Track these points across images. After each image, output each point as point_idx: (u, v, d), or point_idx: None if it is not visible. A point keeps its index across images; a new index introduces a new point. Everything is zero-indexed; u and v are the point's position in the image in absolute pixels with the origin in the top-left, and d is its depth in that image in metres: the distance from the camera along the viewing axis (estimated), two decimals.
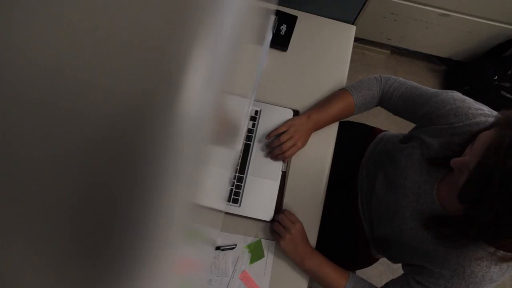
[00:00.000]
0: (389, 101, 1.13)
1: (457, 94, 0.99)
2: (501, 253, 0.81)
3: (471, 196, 0.73)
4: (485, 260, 0.83)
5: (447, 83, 2.34)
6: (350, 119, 1.48)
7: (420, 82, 2.33)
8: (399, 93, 1.11)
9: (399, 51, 2.35)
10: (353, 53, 2.43)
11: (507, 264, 0.83)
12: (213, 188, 0.36)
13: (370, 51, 2.34)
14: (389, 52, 2.33)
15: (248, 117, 1.09)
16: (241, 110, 0.44)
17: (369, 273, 1.98)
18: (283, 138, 1.11)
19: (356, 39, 2.31)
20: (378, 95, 1.15)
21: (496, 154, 0.65)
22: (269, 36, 1.08)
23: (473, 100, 0.98)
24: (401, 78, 1.14)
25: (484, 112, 0.92)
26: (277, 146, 1.12)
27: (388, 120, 2.21)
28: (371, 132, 1.37)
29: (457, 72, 2.30)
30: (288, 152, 1.11)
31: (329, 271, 1.04)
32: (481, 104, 0.97)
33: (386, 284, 1.03)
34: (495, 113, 0.90)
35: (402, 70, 2.36)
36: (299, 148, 1.12)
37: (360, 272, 1.95)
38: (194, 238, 0.34)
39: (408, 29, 2.01)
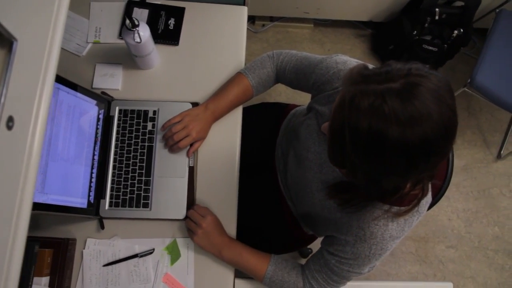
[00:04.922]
0: (284, 75, 1.12)
1: (339, 57, 0.98)
2: (395, 208, 0.81)
3: (336, 158, 0.71)
4: (381, 219, 0.83)
5: (375, 46, 2.35)
6: (265, 99, 1.46)
7: (350, 50, 2.36)
8: (291, 66, 1.09)
9: (322, 23, 2.34)
10: (276, 32, 2.43)
11: (404, 219, 0.83)
12: None
13: (293, 27, 2.33)
14: (312, 25, 2.32)
15: None
16: None
17: None
18: (176, 128, 1.08)
19: (276, 19, 2.29)
20: (273, 72, 1.14)
21: (341, 112, 0.64)
22: (147, 33, 1.04)
23: (356, 61, 0.97)
24: (293, 51, 1.13)
25: None
26: (170, 137, 1.09)
27: None
28: (284, 110, 1.35)
29: (381, 33, 2.31)
30: (182, 142, 1.07)
31: (249, 257, 1.03)
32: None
33: (307, 260, 1.03)
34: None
35: (329, 40, 2.36)
36: (194, 138, 1.09)
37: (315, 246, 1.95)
38: None
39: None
